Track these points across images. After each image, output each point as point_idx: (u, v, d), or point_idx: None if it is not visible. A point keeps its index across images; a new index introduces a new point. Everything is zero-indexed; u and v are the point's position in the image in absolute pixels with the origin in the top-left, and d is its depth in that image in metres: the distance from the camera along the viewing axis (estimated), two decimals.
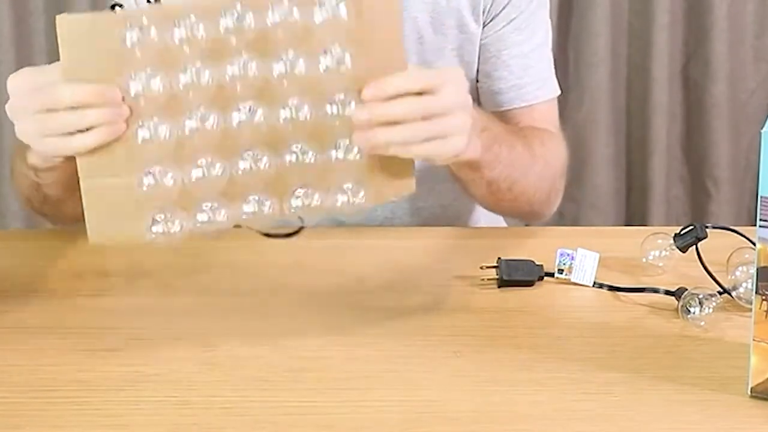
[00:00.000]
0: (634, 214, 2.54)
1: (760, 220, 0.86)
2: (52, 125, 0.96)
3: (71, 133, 0.95)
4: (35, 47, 2.37)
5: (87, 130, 0.95)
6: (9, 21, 2.35)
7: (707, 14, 2.43)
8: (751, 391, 0.90)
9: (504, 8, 1.31)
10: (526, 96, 1.32)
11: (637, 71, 2.46)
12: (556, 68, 1.39)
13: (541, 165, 1.25)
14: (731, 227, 1.15)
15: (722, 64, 2.44)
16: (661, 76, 2.43)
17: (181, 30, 0.93)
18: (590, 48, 2.42)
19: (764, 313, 0.88)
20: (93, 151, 0.95)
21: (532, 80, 1.33)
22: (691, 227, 1.15)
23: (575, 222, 2.51)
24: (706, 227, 1.14)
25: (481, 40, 1.32)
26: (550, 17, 1.40)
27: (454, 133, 0.99)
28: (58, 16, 0.95)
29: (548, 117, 1.35)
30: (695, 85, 2.48)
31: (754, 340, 0.89)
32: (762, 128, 0.84)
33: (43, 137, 0.97)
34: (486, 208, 1.33)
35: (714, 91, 2.45)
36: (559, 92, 1.37)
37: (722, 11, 2.41)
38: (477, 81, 1.34)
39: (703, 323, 1.04)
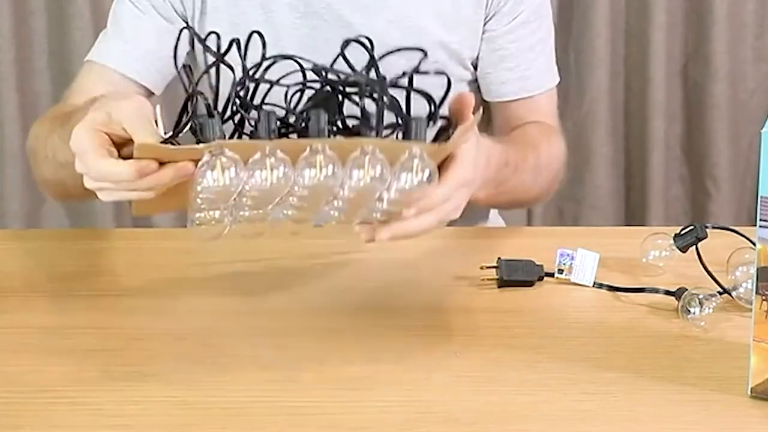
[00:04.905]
0: (634, 214, 2.54)
1: (760, 220, 0.86)
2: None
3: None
4: (35, 47, 2.37)
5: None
6: (9, 21, 2.35)
7: (707, 14, 2.43)
8: (751, 391, 0.90)
9: (508, 3, 1.33)
10: (530, 87, 1.36)
11: (637, 71, 2.46)
12: (557, 68, 1.41)
13: (545, 171, 1.29)
14: (731, 227, 1.15)
15: (722, 64, 2.44)
16: (660, 76, 2.43)
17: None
18: (591, 48, 2.42)
19: (764, 313, 0.88)
20: None
21: (536, 72, 1.36)
22: (691, 227, 1.15)
23: (575, 222, 2.51)
24: (706, 227, 1.14)
25: (485, 32, 1.34)
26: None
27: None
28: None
29: (550, 108, 1.38)
30: (695, 85, 2.48)
31: (754, 340, 0.89)
32: (762, 128, 0.84)
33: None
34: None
35: (714, 91, 2.45)
36: (558, 79, 1.40)
37: (722, 11, 2.41)
38: (475, 68, 1.36)
39: (703, 323, 1.04)
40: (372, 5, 1.31)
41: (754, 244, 0.88)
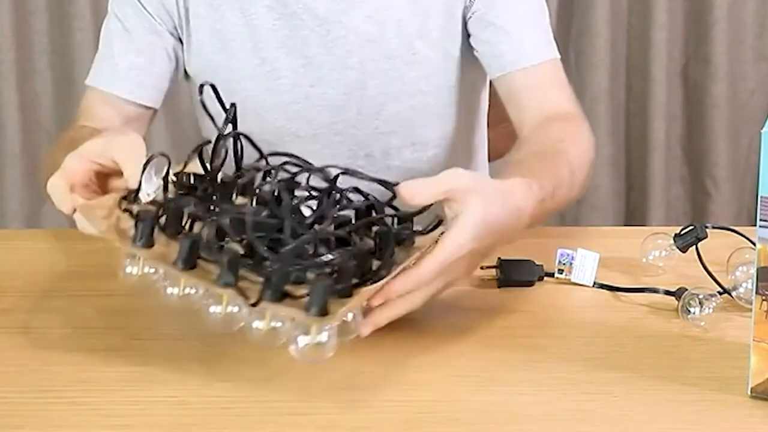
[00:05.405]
0: (634, 214, 2.54)
1: (760, 220, 0.86)
2: None
3: None
4: (35, 47, 2.37)
5: None
6: (9, 21, 2.35)
7: (707, 14, 2.43)
8: (751, 391, 0.90)
9: None
10: (527, 56, 1.33)
11: (637, 71, 2.47)
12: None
13: (578, 172, 1.21)
14: (731, 227, 1.15)
15: (722, 64, 2.44)
16: (660, 76, 2.43)
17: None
18: (591, 48, 2.43)
19: (764, 313, 0.88)
20: None
21: (532, 43, 1.34)
22: (691, 227, 1.15)
23: (575, 222, 2.52)
24: (706, 227, 1.14)
25: (471, 17, 1.34)
26: (550, 18, 1.40)
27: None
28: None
29: (557, 77, 1.35)
30: (695, 85, 2.48)
31: (754, 340, 0.89)
32: (762, 128, 0.84)
33: None
34: None
35: (714, 91, 2.45)
36: (559, 56, 1.37)
37: (722, 11, 2.42)
38: (475, 49, 1.36)
39: (703, 323, 1.04)
40: (346, 1, 1.31)
41: (754, 244, 0.88)
